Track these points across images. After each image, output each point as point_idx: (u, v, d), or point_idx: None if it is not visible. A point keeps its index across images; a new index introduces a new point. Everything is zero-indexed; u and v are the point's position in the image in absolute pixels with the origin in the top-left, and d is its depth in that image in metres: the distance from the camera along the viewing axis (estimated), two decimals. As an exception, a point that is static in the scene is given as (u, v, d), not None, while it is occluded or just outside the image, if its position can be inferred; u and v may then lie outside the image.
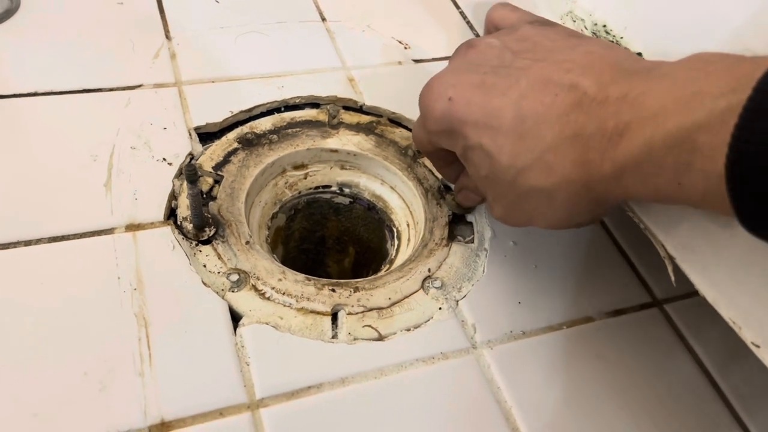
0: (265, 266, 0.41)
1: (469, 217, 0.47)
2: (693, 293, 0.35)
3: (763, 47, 0.37)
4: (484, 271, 0.44)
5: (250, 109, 0.50)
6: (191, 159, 0.46)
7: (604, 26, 0.47)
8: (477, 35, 0.62)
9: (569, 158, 0.31)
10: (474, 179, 0.38)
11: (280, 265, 0.42)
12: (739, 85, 0.24)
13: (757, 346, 0.31)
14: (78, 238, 0.40)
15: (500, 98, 0.34)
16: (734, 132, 0.24)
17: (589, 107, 0.31)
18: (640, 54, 0.44)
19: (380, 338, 0.39)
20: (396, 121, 0.52)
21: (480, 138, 0.34)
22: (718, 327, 0.35)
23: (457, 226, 0.46)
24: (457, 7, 0.65)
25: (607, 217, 0.36)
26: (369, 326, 0.39)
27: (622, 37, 0.46)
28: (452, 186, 0.46)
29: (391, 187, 0.50)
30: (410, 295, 0.41)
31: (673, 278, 0.35)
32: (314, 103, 0.52)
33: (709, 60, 0.27)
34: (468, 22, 0.63)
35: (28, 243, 0.39)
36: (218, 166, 0.46)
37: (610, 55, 0.33)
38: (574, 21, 0.47)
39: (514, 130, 0.33)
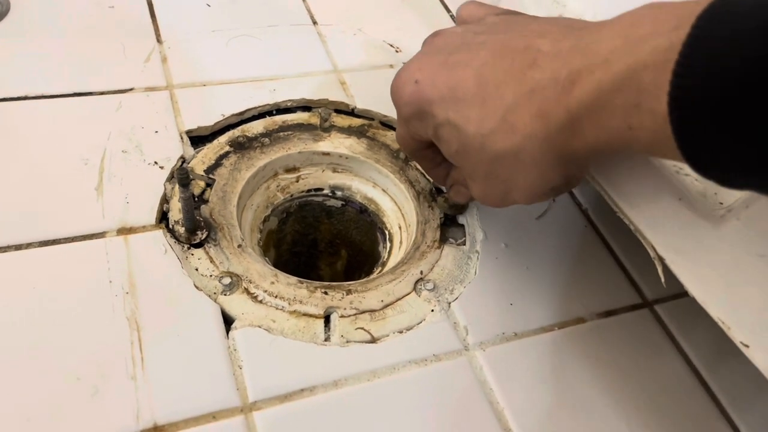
0: (258, 269, 0.41)
1: (461, 219, 0.47)
2: (683, 294, 0.35)
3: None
4: (475, 273, 0.44)
5: (241, 113, 0.50)
6: (183, 162, 0.46)
7: (594, 29, 0.47)
8: (468, 38, 0.62)
9: (528, 113, 0.32)
10: (448, 157, 0.38)
11: (273, 268, 0.42)
12: (680, 23, 0.25)
13: (746, 346, 0.32)
14: (70, 242, 0.40)
15: (462, 71, 0.35)
16: (674, 69, 0.24)
17: (543, 62, 0.31)
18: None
19: (373, 340, 0.39)
20: (387, 124, 0.52)
21: (447, 112, 0.35)
22: (707, 327, 0.35)
23: (449, 228, 0.47)
24: (448, 10, 0.65)
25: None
26: (361, 329, 0.39)
27: (611, 40, 0.47)
28: (443, 188, 0.46)
29: (383, 190, 0.50)
30: (402, 297, 0.41)
31: (663, 279, 0.36)
32: (306, 107, 0.52)
33: (657, 5, 0.28)
34: (459, 26, 0.63)
35: (19, 247, 0.39)
36: (210, 170, 0.46)
37: (565, 20, 0.34)
38: (564, 24, 0.48)
39: (477, 97, 0.34)
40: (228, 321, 0.38)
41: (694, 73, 0.24)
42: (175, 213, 0.42)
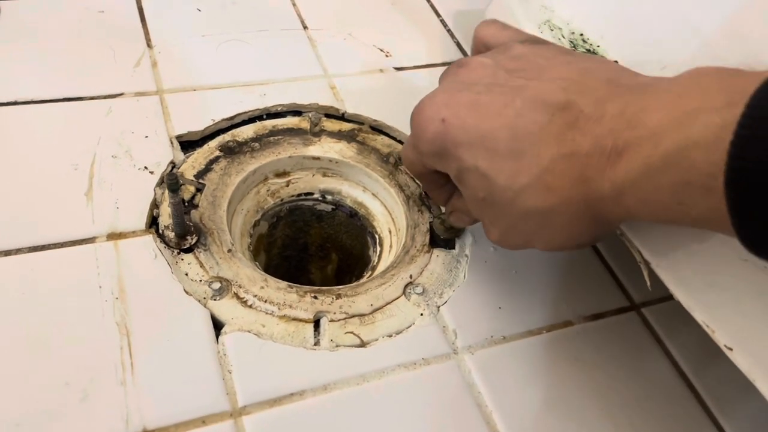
0: (248, 274, 0.41)
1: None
2: (669, 297, 0.36)
3: (732, 56, 0.38)
4: (464, 277, 0.44)
5: (231, 117, 0.50)
6: (173, 167, 0.46)
7: (581, 35, 0.48)
8: (457, 44, 0.62)
9: (567, 177, 0.30)
10: (469, 202, 0.37)
11: (263, 272, 0.42)
12: (733, 100, 0.24)
13: (730, 349, 0.32)
14: (59, 248, 0.40)
15: (495, 118, 0.33)
16: (730, 149, 0.23)
17: (585, 125, 0.30)
18: (616, 62, 0.45)
19: (362, 345, 0.39)
20: (378, 129, 0.52)
21: (476, 160, 0.33)
22: (693, 330, 0.35)
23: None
24: (438, 15, 0.65)
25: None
26: (351, 333, 0.40)
27: (599, 46, 0.47)
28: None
29: (373, 194, 0.50)
30: (392, 301, 0.42)
31: (648, 282, 0.36)
32: (296, 111, 0.52)
33: (705, 74, 0.27)
34: (449, 31, 0.64)
35: (8, 253, 0.39)
36: (200, 175, 0.46)
37: (606, 70, 0.33)
38: (552, 30, 0.48)
39: (510, 151, 0.32)
40: (218, 326, 0.38)
41: (752, 154, 0.23)
42: (165, 218, 0.42)
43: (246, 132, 0.50)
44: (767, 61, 0.39)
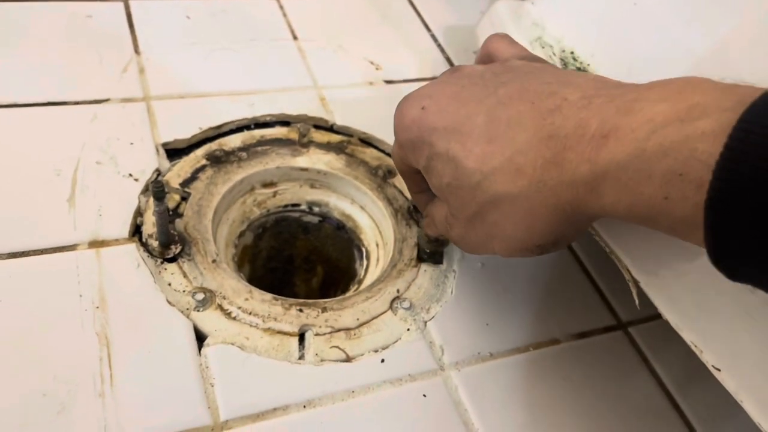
0: (232, 285, 0.40)
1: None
2: (656, 316, 0.35)
3: (722, 77, 0.38)
4: (452, 292, 0.44)
5: (219, 126, 0.49)
6: (158, 175, 0.45)
7: (572, 53, 0.48)
8: (447, 58, 0.62)
9: (540, 159, 0.29)
10: (436, 190, 0.36)
11: (247, 284, 0.41)
12: (744, 101, 0.23)
13: (718, 370, 0.32)
14: (39, 255, 0.39)
15: (475, 105, 0.32)
16: (727, 142, 0.22)
17: (568, 110, 0.29)
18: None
19: (347, 359, 0.39)
20: (367, 141, 0.52)
21: (448, 143, 0.33)
22: (680, 349, 0.35)
23: (426, 246, 0.46)
24: (428, 29, 0.65)
25: (572, 243, 0.35)
26: (336, 347, 0.39)
27: (589, 64, 0.47)
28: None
29: (361, 207, 0.50)
30: (378, 315, 0.41)
31: (637, 301, 0.36)
32: (285, 122, 0.52)
33: (701, 80, 0.26)
34: (439, 45, 0.64)
35: (-14, 259, 0.38)
36: (186, 183, 0.45)
37: (594, 76, 0.32)
38: (543, 47, 0.48)
39: (485, 134, 0.31)
40: (200, 338, 0.38)
41: (751, 152, 0.22)
42: (149, 226, 0.42)
43: (233, 141, 0.49)
44: (755, 84, 0.39)
